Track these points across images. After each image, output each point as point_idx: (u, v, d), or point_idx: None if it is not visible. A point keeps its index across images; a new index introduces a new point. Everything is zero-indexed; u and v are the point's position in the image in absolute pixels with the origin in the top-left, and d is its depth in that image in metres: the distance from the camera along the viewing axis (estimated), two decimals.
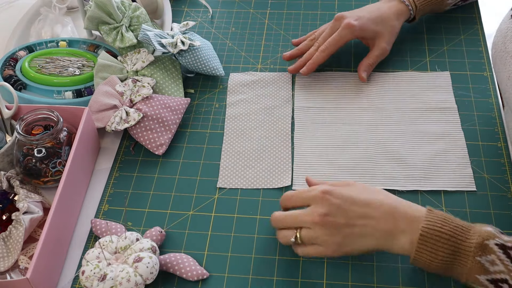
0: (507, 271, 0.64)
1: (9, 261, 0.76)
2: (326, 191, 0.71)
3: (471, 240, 0.66)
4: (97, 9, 0.97)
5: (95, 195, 0.87)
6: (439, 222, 0.67)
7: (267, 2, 1.16)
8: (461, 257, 0.66)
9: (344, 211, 0.70)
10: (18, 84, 0.95)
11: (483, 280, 0.65)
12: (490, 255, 0.65)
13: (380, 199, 0.71)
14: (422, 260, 0.67)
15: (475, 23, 1.07)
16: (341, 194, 0.71)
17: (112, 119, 0.89)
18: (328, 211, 0.70)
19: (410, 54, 1.03)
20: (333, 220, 0.70)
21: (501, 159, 0.86)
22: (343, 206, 0.70)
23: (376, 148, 0.88)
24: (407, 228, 0.68)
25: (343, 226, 0.70)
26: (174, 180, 0.88)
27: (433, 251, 0.66)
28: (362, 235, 0.70)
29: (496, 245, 0.65)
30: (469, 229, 0.67)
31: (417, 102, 0.94)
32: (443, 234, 0.66)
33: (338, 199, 0.71)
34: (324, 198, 0.71)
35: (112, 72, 0.95)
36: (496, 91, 0.96)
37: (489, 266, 0.65)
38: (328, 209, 0.70)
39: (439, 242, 0.66)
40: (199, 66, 0.99)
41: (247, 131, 0.92)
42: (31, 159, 0.83)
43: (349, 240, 0.70)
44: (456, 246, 0.66)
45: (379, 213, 0.70)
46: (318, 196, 0.71)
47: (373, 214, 0.70)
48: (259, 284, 0.75)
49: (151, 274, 0.72)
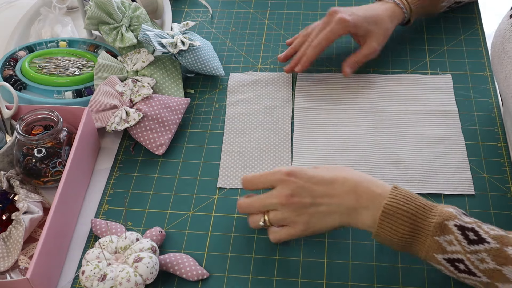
0: (463, 251, 0.65)
1: (9, 261, 0.76)
2: (290, 172, 0.73)
3: (431, 219, 0.67)
4: (97, 9, 0.97)
5: (95, 195, 0.87)
6: (402, 199, 0.69)
7: (267, 2, 1.16)
8: (420, 235, 0.68)
9: (309, 190, 0.72)
10: (18, 84, 0.95)
11: (440, 259, 0.67)
12: (448, 235, 0.66)
13: (344, 176, 0.72)
14: (383, 235, 0.69)
15: (475, 23, 1.07)
16: (305, 174, 0.73)
17: (112, 119, 0.89)
18: (293, 192, 0.72)
19: (410, 54, 1.03)
20: (298, 200, 0.72)
21: (501, 159, 0.86)
22: (308, 186, 0.72)
23: (375, 150, 0.88)
24: (370, 204, 0.70)
25: (309, 205, 0.72)
26: (174, 180, 0.88)
27: (394, 228, 0.68)
28: (328, 212, 0.72)
29: (455, 226, 0.67)
30: (431, 208, 0.69)
31: (418, 105, 0.94)
32: (405, 212, 0.68)
33: (302, 179, 0.72)
34: (288, 179, 0.73)
35: (112, 72, 0.95)
36: (496, 91, 0.96)
37: (447, 245, 0.66)
38: (293, 190, 0.72)
39: (400, 219, 0.68)
40: (199, 66, 0.99)
41: (247, 131, 0.92)
42: (31, 159, 0.83)
43: (316, 219, 0.73)
44: (416, 225, 0.68)
45: (343, 190, 0.71)
46: (283, 178, 0.73)
47: (337, 192, 0.72)
48: (259, 284, 0.75)
49: (151, 274, 0.72)
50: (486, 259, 0.65)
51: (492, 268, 0.64)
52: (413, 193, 0.70)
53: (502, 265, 0.64)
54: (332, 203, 0.72)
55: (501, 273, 0.64)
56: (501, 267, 0.64)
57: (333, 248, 0.78)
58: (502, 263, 0.64)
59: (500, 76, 0.82)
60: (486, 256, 0.65)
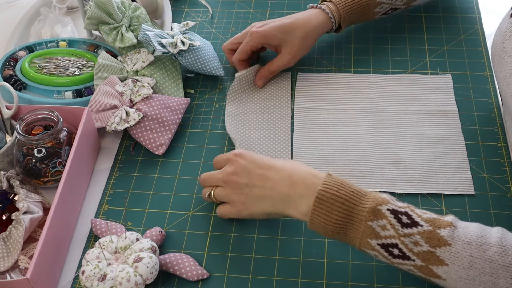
0: (397, 235, 0.66)
1: (9, 261, 0.76)
2: (237, 153, 0.78)
3: (364, 205, 0.68)
4: (97, 9, 0.97)
5: (95, 195, 0.87)
6: (335, 186, 0.70)
7: (267, 2, 1.16)
8: (354, 221, 0.68)
9: (248, 171, 0.76)
10: (18, 84, 0.95)
11: (374, 245, 0.67)
12: (381, 220, 0.67)
13: (283, 164, 0.75)
14: (317, 222, 0.70)
15: (475, 23, 1.07)
16: (250, 157, 0.77)
17: (112, 119, 0.89)
18: (235, 171, 0.76)
19: (410, 54, 1.03)
20: (237, 179, 0.76)
21: (501, 159, 0.86)
22: (248, 167, 0.76)
23: (375, 150, 0.88)
24: (304, 192, 0.71)
25: (244, 186, 0.76)
26: (174, 180, 0.88)
27: (328, 214, 0.69)
28: (262, 196, 0.75)
29: (388, 210, 0.67)
30: (364, 194, 0.69)
31: (418, 105, 0.94)
32: (338, 198, 0.69)
33: (245, 160, 0.76)
34: (234, 159, 0.77)
35: (112, 72, 0.95)
36: (496, 91, 0.96)
37: (380, 230, 0.67)
38: (235, 169, 0.76)
39: (333, 205, 0.69)
40: (199, 66, 0.99)
41: (246, 130, 0.92)
42: (31, 159, 0.83)
43: (251, 200, 0.76)
44: (349, 210, 0.68)
45: (278, 176, 0.74)
46: (230, 157, 0.78)
47: (272, 177, 0.74)
48: (259, 284, 0.75)
49: (151, 274, 0.72)
50: (419, 241, 0.65)
51: (426, 250, 0.65)
52: (347, 181, 0.71)
53: (436, 247, 0.65)
54: (266, 187, 0.74)
55: (434, 255, 0.65)
56: (435, 249, 0.65)
57: (333, 248, 0.78)
58: (435, 245, 0.65)
59: (500, 75, 0.82)
60: (419, 238, 0.65)
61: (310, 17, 0.97)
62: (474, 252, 0.63)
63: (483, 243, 0.64)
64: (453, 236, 0.65)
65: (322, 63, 1.03)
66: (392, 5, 1.01)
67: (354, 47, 1.05)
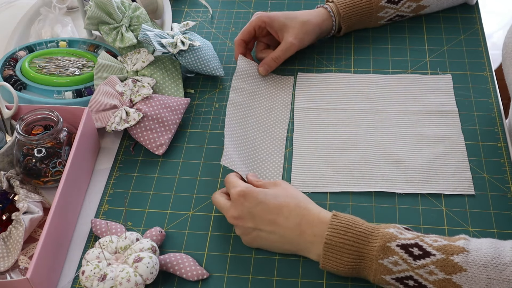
0: (411, 268, 0.66)
1: (9, 261, 0.76)
2: (242, 193, 0.74)
3: (373, 243, 0.68)
4: (97, 9, 0.97)
5: (95, 195, 0.87)
6: (342, 229, 0.70)
7: (267, 2, 1.16)
8: (366, 261, 0.68)
9: (254, 216, 0.74)
10: (18, 84, 0.95)
11: (389, 280, 0.68)
12: (392, 256, 0.67)
13: (290, 208, 0.74)
14: (329, 266, 0.70)
15: (475, 23, 1.07)
16: (255, 199, 0.74)
17: (112, 119, 0.89)
18: (240, 215, 0.75)
19: (410, 54, 1.03)
20: (242, 224, 0.75)
21: (501, 159, 0.86)
22: (253, 212, 0.74)
23: (375, 150, 0.88)
24: (313, 240, 0.71)
25: (251, 230, 0.75)
26: (174, 180, 0.88)
27: (338, 258, 0.69)
28: (271, 240, 0.75)
29: (398, 246, 0.67)
30: (372, 232, 0.69)
31: (418, 105, 0.94)
32: (346, 241, 0.69)
33: (249, 203, 0.74)
34: (238, 200, 0.75)
35: (112, 72, 0.95)
36: (496, 91, 0.96)
37: (393, 266, 0.67)
38: (240, 213, 0.74)
39: (343, 249, 0.69)
40: (199, 66, 0.99)
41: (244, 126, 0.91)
42: (31, 159, 0.83)
43: (259, 242, 0.76)
44: (359, 251, 0.68)
45: (287, 224, 0.73)
46: (235, 197, 0.75)
47: (282, 224, 0.73)
48: (259, 284, 0.75)
49: (151, 274, 0.72)
50: (434, 271, 0.65)
51: (442, 278, 0.65)
52: (354, 219, 0.71)
53: (451, 274, 0.65)
54: (276, 233, 0.74)
55: (451, 281, 0.65)
56: (450, 276, 0.65)
57: None
58: (450, 272, 0.65)
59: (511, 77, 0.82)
60: (434, 268, 0.65)
61: (313, 12, 0.99)
62: (490, 274, 0.64)
63: (499, 263, 0.64)
64: (467, 261, 0.65)
65: (322, 63, 1.03)
66: (398, 11, 1.01)
67: (354, 47, 1.05)
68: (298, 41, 0.97)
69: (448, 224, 0.79)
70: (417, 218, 0.80)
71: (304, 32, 0.97)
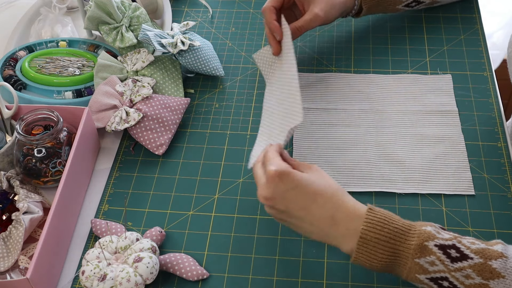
0: (447, 270, 0.65)
1: (9, 261, 0.76)
2: (278, 173, 0.69)
3: (410, 241, 0.66)
4: (97, 9, 0.97)
5: (95, 195, 0.87)
6: (379, 224, 0.67)
7: None
8: (401, 258, 0.67)
9: (287, 200, 0.70)
10: (18, 84, 0.95)
11: (423, 279, 0.66)
12: (429, 256, 0.65)
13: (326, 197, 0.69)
14: (362, 261, 0.68)
15: (475, 23, 1.07)
16: (291, 182, 0.69)
17: (112, 119, 0.89)
18: (271, 196, 0.70)
19: (410, 54, 1.03)
20: (272, 205, 0.71)
21: (501, 159, 0.86)
22: (287, 195, 0.69)
23: (375, 150, 0.88)
24: (347, 233, 0.68)
25: (281, 212, 0.71)
26: (174, 180, 0.88)
27: (373, 253, 0.67)
28: (299, 226, 0.71)
29: (436, 246, 0.65)
30: (409, 229, 0.67)
31: (418, 105, 0.94)
32: (382, 237, 0.67)
33: (286, 185, 0.69)
34: (273, 180, 0.69)
35: (112, 72, 0.95)
36: (496, 91, 0.96)
37: (429, 266, 0.65)
38: (272, 194, 0.70)
39: (378, 244, 0.67)
40: (199, 66, 0.99)
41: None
42: (31, 159, 0.83)
43: (287, 224, 0.73)
44: (395, 248, 0.67)
45: (320, 213, 0.69)
46: (270, 175, 0.70)
47: (314, 212, 0.69)
48: (259, 284, 0.75)
49: (151, 274, 0.72)
50: (471, 275, 0.64)
51: (478, 283, 0.64)
52: (389, 214, 0.69)
53: (489, 280, 0.63)
54: (306, 220, 0.70)
55: (488, 287, 0.63)
56: (487, 281, 0.63)
57: (333, 248, 0.78)
58: (488, 278, 0.63)
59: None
60: (471, 272, 0.64)
61: None
62: None
63: None
64: (506, 268, 0.63)
65: (322, 63, 1.03)
66: None
67: (354, 47, 1.05)
68: (324, 14, 0.93)
69: (448, 224, 0.79)
70: (417, 218, 0.80)
71: (330, 6, 0.93)
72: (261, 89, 0.99)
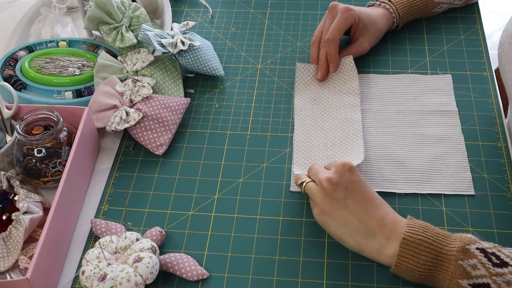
0: (489, 274, 0.65)
1: (9, 261, 0.76)
2: (349, 166, 0.73)
3: (452, 245, 0.67)
4: (97, 9, 0.97)
5: (95, 195, 0.87)
6: (420, 228, 0.69)
7: (267, 2, 1.16)
8: (443, 262, 0.67)
9: (349, 190, 0.72)
10: (18, 84, 0.95)
11: (465, 285, 0.66)
12: (472, 259, 0.66)
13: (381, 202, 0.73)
14: (404, 265, 0.68)
15: (475, 23, 1.07)
16: (359, 176, 0.73)
17: (112, 119, 0.89)
18: (337, 181, 0.72)
19: (410, 54, 1.03)
20: (333, 190, 0.72)
21: (501, 159, 0.86)
22: (352, 187, 0.72)
23: (375, 150, 0.88)
24: (391, 235, 0.70)
25: (337, 200, 0.72)
26: (174, 180, 0.88)
27: (415, 256, 0.67)
28: (347, 221, 0.72)
29: (478, 249, 0.66)
30: (449, 235, 0.68)
31: (418, 105, 0.94)
32: (425, 239, 0.67)
33: (353, 177, 0.73)
34: (343, 169, 0.73)
35: (112, 72, 0.95)
36: (496, 91, 0.96)
37: (471, 270, 0.65)
38: (338, 180, 0.73)
39: (421, 246, 0.67)
40: (199, 66, 0.99)
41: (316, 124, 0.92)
42: (31, 159, 0.83)
43: (333, 217, 0.73)
44: (438, 251, 0.67)
45: (374, 212, 0.72)
46: (340, 165, 0.73)
47: (370, 210, 0.72)
48: (259, 284, 0.75)
49: (151, 274, 0.72)
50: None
51: None
52: (429, 224, 0.70)
53: None
54: (358, 215, 0.72)
55: None
56: None
57: (333, 248, 0.78)
58: None
59: (508, 76, 0.82)
60: None
61: (382, 17, 1.00)
62: None
63: None
64: None
65: None
66: (451, 4, 1.04)
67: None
68: (370, 46, 1.00)
69: (448, 224, 0.79)
70: (417, 218, 0.80)
71: (376, 38, 1.00)
72: (261, 89, 1.00)
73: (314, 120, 0.93)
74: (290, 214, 0.82)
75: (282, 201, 0.84)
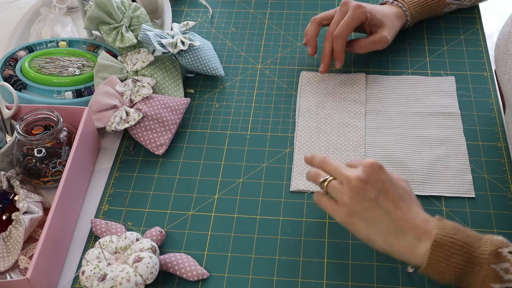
0: None
1: (9, 261, 0.76)
2: (378, 165, 0.70)
3: (484, 247, 0.65)
4: (97, 9, 0.97)
5: (95, 195, 0.87)
6: (452, 229, 0.66)
7: (267, 2, 1.16)
8: (475, 264, 0.65)
9: (383, 189, 0.69)
10: (18, 84, 0.95)
11: None
12: (504, 263, 0.64)
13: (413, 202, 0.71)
14: (435, 266, 0.66)
15: (475, 23, 1.07)
16: (389, 175, 0.71)
17: (112, 119, 0.89)
18: (368, 179, 0.69)
19: (410, 54, 1.03)
20: (365, 188, 0.69)
21: (501, 159, 0.86)
22: (385, 186, 0.70)
23: (376, 151, 0.88)
24: (422, 236, 0.67)
25: (368, 199, 0.69)
26: (174, 180, 0.88)
27: (447, 257, 0.65)
28: (378, 220, 0.69)
29: (510, 253, 0.64)
30: (480, 237, 0.66)
31: (420, 106, 0.94)
32: (457, 241, 0.65)
33: (384, 175, 0.70)
34: (373, 167, 0.70)
35: (112, 72, 0.95)
36: (496, 91, 0.96)
37: (504, 274, 0.64)
38: (368, 177, 0.69)
39: (452, 248, 0.65)
40: (199, 66, 0.99)
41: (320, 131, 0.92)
42: (31, 159, 0.83)
43: (362, 217, 0.69)
44: (470, 253, 0.65)
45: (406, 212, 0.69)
46: (369, 163, 0.70)
47: (403, 210, 0.69)
48: (259, 284, 0.75)
49: (151, 274, 0.72)
50: None
51: None
52: (459, 225, 0.68)
53: None
54: (390, 214, 0.68)
55: None
56: None
57: (333, 248, 0.78)
58: None
59: (503, 78, 0.82)
60: None
61: (393, 11, 1.00)
62: None
63: None
64: None
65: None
66: (460, 5, 1.05)
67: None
68: (391, 38, 0.98)
69: None
70: None
71: (394, 32, 0.99)
72: (261, 89, 1.00)
73: (318, 123, 0.93)
74: (290, 214, 0.82)
75: (282, 201, 0.84)
